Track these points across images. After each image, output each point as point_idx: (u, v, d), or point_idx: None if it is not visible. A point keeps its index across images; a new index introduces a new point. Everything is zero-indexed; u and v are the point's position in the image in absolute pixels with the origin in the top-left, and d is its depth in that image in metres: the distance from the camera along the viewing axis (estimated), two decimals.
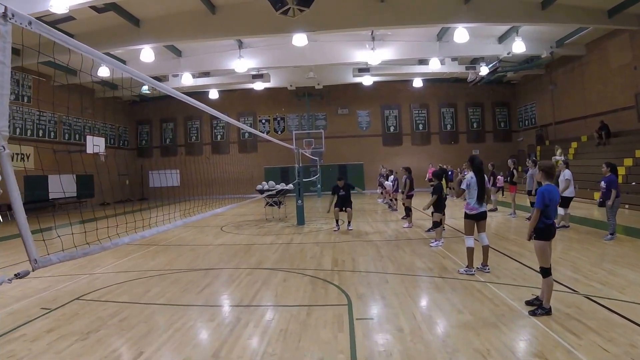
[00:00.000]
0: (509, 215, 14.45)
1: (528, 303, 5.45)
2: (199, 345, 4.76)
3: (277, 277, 7.65)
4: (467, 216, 7.34)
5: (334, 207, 13.16)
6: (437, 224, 10.14)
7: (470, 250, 7.24)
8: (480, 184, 7.19)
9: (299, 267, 8.36)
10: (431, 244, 9.89)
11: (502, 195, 14.83)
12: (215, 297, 6.69)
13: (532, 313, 5.12)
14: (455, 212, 15.14)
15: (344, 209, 13.02)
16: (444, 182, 10.91)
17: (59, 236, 3.81)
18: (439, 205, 10.10)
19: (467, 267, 7.29)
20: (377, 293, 6.43)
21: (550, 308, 5.10)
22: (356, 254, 9.43)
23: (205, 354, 4.48)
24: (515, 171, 14.92)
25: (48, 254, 2.87)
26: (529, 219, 12.59)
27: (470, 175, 7.37)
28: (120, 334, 5.10)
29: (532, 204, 12.50)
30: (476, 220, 7.29)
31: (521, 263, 7.83)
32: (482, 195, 7.18)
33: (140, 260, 9.66)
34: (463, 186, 7.38)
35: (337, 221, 13.17)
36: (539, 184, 5.60)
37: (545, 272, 5.16)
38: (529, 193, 12.59)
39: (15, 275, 2.69)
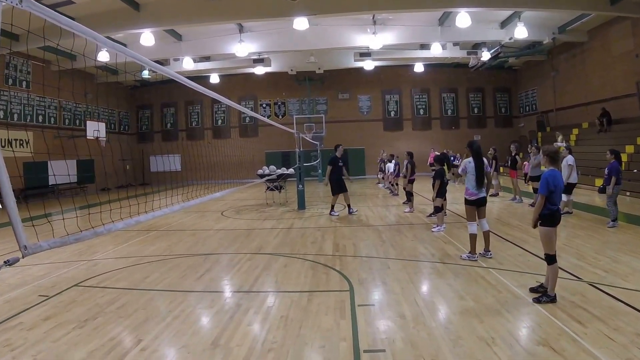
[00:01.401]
0: (511, 200, 14.33)
1: (532, 290, 5.39)
2: (198, 332, 4.70)
3: (277, 263, 7.59)
4: (467, 202, 7.29)
5: (332, 193, 12.96)
6: (438, 209, 10.06)
7: (473, 237, 7.19)
8: (478, 169, 7.11)
9: (299, 252, 8.30)
10: (433, 229, 9.83)
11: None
12: (215, 283, 6.64)
13: (537, 300, 5.06)
14: (457, 197, 15.04)
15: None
16: (445, 167, 10.75)
17: (49, 222, 3.72)
18: (440, 190, 10.01)
19: (469, 253, 7.24)
20: (379, 279, 6.38)
21: (555, 295, 5.04)
22: (357, 239, 9.37)
23: (204, 341, 4.41)
24: (517, 157, 14.74)
25: (38, 241, 2.76)
26: (532, 205, 12.53)
27: (468, 160, 7.30)
28: (118, 321, 5.03)
29: (534, 190, 12.43)
30: (476, 206, 7.22)
31: (524, 249, 7.75)
32: (481, 181, 7.10)
33: (140, 246, 9.58)
34: (460, 171, 7.37)
35: (332, 207, 12.98)
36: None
37: (551, 259, 5.08)
38: (531, 179, 12.48)
39: (4, 262, 2.61)
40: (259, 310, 5.26)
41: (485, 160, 7.35)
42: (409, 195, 13.29)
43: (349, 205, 12.97)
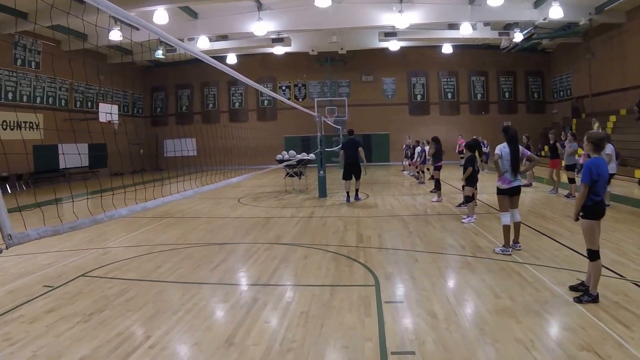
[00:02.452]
0: (551, 192, 13.45)
1: (573, 288, 5.03)
2: (212, 329, 4.45)
3: (297, 253, 7.33)
4: (500, 191, 6.88)
5: (356, 178, 12.81)
6: (469, 199, 9.61)
7: (506, 229, 6.81)
8: (513, 156, 6.73)
9: (320, 243, 8.00)
10: (463, 220, 9.39)
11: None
12: (231, 275, 6.40)
13: (578, 300, 4.72)
14: (488, 186, 14.45)
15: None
16: (477, 154, 10.22)
17: (39, 207, 3.43)
18: (471, 179, 9.54)
19: (503, 246, 6.85)
20: (406, 273, 6.05)
21: (597, 295, 4.70)
22: (382, 230, 9.01)
23: (218, 339, 4.17)
24: (558, 144, 13.76)
25: (26, 229, 2.46)
26: (567, 196, 11.91)
27: (503, 145, 6.91)
28: (126, 315, 4.80)
29: (570, 180, 11.81)
30: (509, 195, 6.81)
31: (561, 243, 7.28)
32: (516, 168, 6.72)
33: (152, 234, 9.37)
34: (497, 151, 6.92)
35: (357, 191, 12.98)
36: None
37: (593, 255, 4.76)
38: (567, 168, 11.86)
39: None
40: (277, 305, 5.00)
41: (521, 146, 6.91)
42: (437, 184, 12.82)
43: (356, 193, 13.03)
